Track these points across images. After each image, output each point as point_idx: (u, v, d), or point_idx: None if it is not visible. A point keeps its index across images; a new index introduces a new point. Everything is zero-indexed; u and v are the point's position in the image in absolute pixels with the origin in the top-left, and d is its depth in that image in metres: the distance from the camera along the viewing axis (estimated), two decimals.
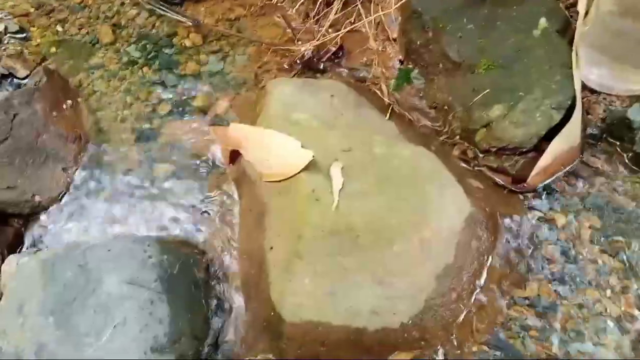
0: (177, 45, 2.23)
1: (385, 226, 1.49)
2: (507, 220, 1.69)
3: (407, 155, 1.64)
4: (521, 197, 1.74)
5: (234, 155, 1.83)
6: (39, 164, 1.80)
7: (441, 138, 1.88)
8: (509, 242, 1.66)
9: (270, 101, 1.84)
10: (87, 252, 1.50)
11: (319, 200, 1.53)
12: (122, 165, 1.92)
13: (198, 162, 1.94)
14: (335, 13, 2.07)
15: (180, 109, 2.07)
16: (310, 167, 1.58)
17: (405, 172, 1.59)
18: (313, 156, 1.56)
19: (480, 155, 1.78)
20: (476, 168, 1.78)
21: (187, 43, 2.23)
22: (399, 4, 1.97)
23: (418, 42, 2.00)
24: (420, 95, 1.99)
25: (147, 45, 2.23)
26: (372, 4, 2.07)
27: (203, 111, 2.06)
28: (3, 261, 1.61)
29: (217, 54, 2.20)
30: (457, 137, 1.84)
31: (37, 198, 1.76)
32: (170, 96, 2.11)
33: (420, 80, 2.02)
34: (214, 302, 1.64)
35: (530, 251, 1.65)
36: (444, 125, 1.89)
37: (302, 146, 1.60)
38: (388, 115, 1.90)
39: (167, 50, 2.22)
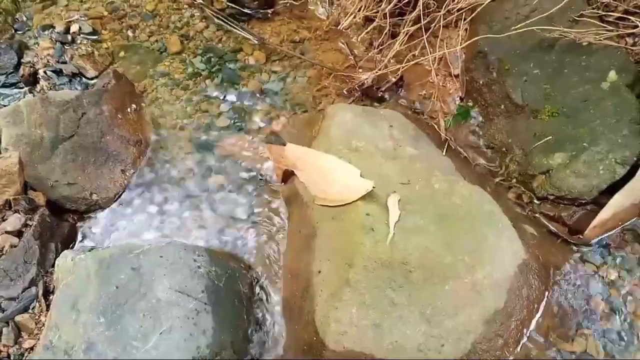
0: (241, 61, 2.28)
1: (439, 264, 1.48)
2: (559, 271, 1.66)
3: (466, 194, 1.63)
4: (575, 248, 1.71)
5: (287, 175, 1.85)
6: (100, 164, 1.85)
7: (496, 179, 1.87)
8: (559, 292, 1.63)
9: (330, 125, 1.86)
10: (141, 256, 1.53)
11: (373, 230, 1.53)
12: (177, 173, 1.96)
13: (251, 177, 1.96)
14: (400, 45, 2.09)
15: (238, 123, 2.11)
16: (367, 196, 1.58)
17: (463, 211, 1.59)
18: (373, 187, 1.56)
19: (537, 201, 1.76)
20: (531, 214, 1.76)
21: (251, 60, 2.28)
22: (466, 44, 1.99)
23: (481, 81, 2.01)
24: (478, 134, 1.99)
25: (212, 59, 2.28)
26: (437, 40, 2.09)
27: (260, 128, 2.10)
28: (58, 255, 1.65)
29: (278, 74, 2.24)
30: (514, 180, 1.83)
31: (94, 196, 1.81)
32: (230, 110, 2.15)
33: (479, 119, 2.01)
34: (256, 318, 1.65)
35: (580, 304, 1.62)
36: (501, 167, 1.88)
37: (361, 175, 1.61)
38: (445, 150, 1.90)
39: (230, 65, 2.27)
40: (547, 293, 1.60)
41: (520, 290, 1.52)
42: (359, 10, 2.14)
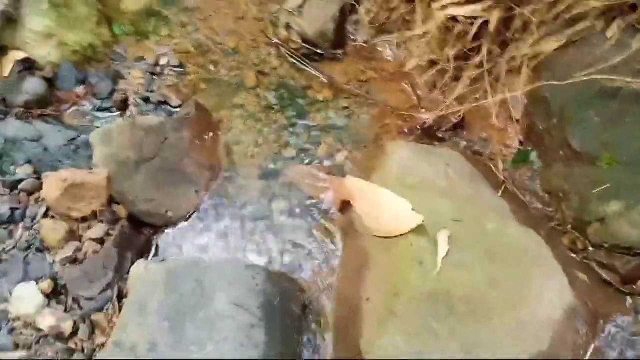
0: (310, 97, 2.44)
1: (484, 300, 1.52)
2: (610, 320, 1.65)
3: (517, 235, 1.67)
4: (628, 298, 1.69)
5: (345, 206, 1.96)
6: (176, 184, 2.03)
7: (552, 224, 1.88)
8: (608, 343, 1.62)
9: (388, 161, 1.96)
10: (205, 269, 1.67)
11: (422, 263, 1.60)
12: (244, 197, 2.12)
13: (312, 205, 2.09)
14: (463, 88, 2.17)
15: (303, 154, 2.25)
16: (419, 230, 1.66)
17: (512, 251, 1.62)
18: (423, 221, 1.64)
19: (591, 248, 1.76)
20: (584, 260, 1.77)
21: (320, 97, 2.44)
22: (528, 89, 2.04)
23: (541, 127, 2.05)
24: (536, 178, 2.02)
25: (284, 94, 2.46)
26: (499, 84, 2.16)
27: (323, 160, 2.23)
28: (133, 263, 1.83)
29: (344, 111, 2.38)
30: (569, 226, 1.84)
31: (169, 213, 1.99)
32: (297, 142, 2.30)
33: (538, 163, 2.04)
34: (305, 338, 1.74)
35: (629, 356, 1.60)
36: (557, 212, 1.90)
37: (413, 209, 1.69)
38: (501, 192, 1.95)
39: (300, 101, 2.43)
40: (595, 342, 1.59)
41: (566, 335, 1.52)
42: (424, 54, 2.24)
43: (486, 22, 2.13)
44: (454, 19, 2.14)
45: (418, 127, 2.22)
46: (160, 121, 2.11)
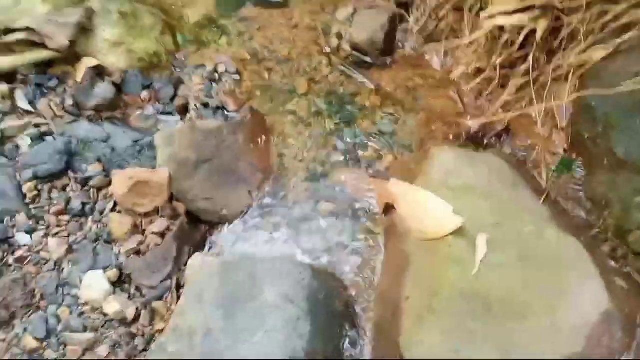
0: (358, 103, 2.55)
1: (519, 301, 1.58)
2: None
3: (554, 239, 1.72)
4: None
5: (389, 208, 2.05)
6: (231, 184, 2.18)
7: (593, 231, 1.91)
8: None
9: (432, 165, 2.04)
10: (257, 264, 1.81)
11: (460, 264, 1.67)
12: (293, 198, 2.24)
13: (357, 207, 2.19)
14: (508, 95, 2.21)
15: (350, 158, 2.35)
16: (458, 232, 1.73)
17: (549, 255, 1.67)
18: (462, 223, 1.71)
19: (632, 256, 1.78)
20: (624, 268, 1.78)
21: (367, 103, 2.54)
22: (574, 97, 2.07)
23: (586, 135, 2.07)
24: (579, 186, 2.04)
25: (333, 100, 2.57)
26: (545, 92, 2.19)
27: (368, 164, 2.33)
28: (190, 256, 1.98)
29: (391, 117, 2.47)
30: (610, 233, 1.86)
31: (224, 211, 2.14)
32: (344, 146, 2.41)
33: (582, 171, 2.07)
34: (347, 334, 1.84)
35: None
36: (598, 220, 1.92)
37: (454, 211, 1.76)
38: (543, 199, 1.99)
39: (349, 107, 2.54)
40: (632, 347, 1.62)
41: (601, 339, 1.56)
42: (471, 62, 2.30)
43: (533, 31, 2.17)
44: (501, 28, 2.19)
45: (463, 133, 2.28)
46: (218, 125, 2.27)
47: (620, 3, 2.04)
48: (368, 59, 2.68)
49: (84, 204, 2.09)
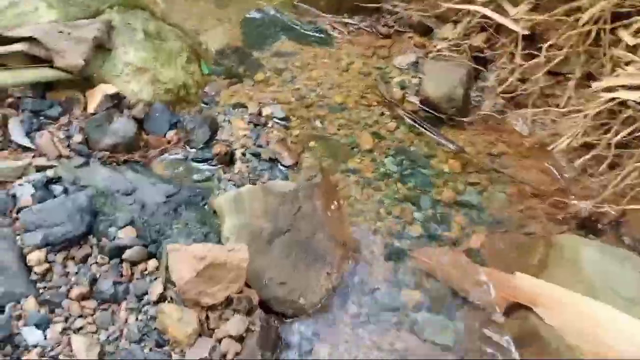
0: (434, 167, 2.17)
1: None
2: None
3: None
4: None
5: (514, 308, 1.66)
6: (309, 263, 1.70)
7: None
8: None
9: (573, 262, 1.66)
10: None
11: None
12: (372, 282, 1.79)
13: (455, 298, 1.78)
14: (622, 180, 1.92)
15: (432, 234, 1.96)
16: None
17: None
18: None
19: None
20: None
21: (445, 168, 2.16)
22: None
23: None
24: None
25: (404, 161, 2.18)
26: None
27: (456, 242, 1.94)
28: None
29: (475, 186, 2.11)
30: None
31: (301, 300, 1.64)
32: (423, 218, 2.01)
33: None
34: None
35: None
36: None
37: None
38: None
39: (423, 170, 2.15)
40: None
41: None
42: (578, 135, 2.01)
43: None
44: (622, 102, 1.91)
45: (569, 215, 1.96)
46: (293, 187, 1.79)
47: None
48: (440, 115, 2.32)
49: (115, 284, 1.53)
